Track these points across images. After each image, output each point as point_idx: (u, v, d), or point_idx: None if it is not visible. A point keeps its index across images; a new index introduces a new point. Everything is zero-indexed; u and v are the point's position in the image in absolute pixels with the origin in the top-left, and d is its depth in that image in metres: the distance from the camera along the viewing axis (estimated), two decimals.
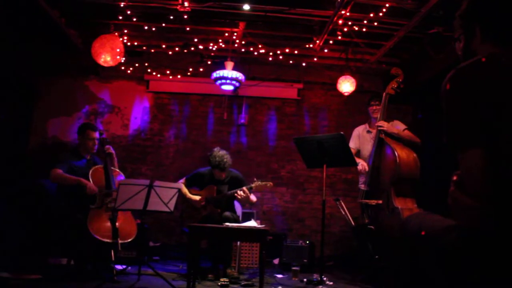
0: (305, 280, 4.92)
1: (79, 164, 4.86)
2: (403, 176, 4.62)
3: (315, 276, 4.97)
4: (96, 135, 4.97)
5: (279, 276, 5.32)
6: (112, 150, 4.96)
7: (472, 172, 1.33)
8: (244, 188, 5.01)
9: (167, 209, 4.33)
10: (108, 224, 4.43)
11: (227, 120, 7.28)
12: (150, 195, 4.20)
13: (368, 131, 5.38)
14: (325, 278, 4.62)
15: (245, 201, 5.08)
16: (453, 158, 1.43)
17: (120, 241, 4.31)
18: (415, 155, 4.71)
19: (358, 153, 5.44)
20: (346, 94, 6.44)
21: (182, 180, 5.35)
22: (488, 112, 1.31)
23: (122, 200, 4.09)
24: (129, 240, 4.50)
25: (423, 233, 1.55)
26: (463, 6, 1.65)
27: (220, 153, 5.15)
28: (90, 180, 4.64)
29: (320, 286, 4.20)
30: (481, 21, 1.60)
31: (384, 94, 5.07)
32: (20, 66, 6.55)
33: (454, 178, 1.43)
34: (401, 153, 4.65)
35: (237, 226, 4.30)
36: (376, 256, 4.61)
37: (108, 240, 4.32)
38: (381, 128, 4.90)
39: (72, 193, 4.69)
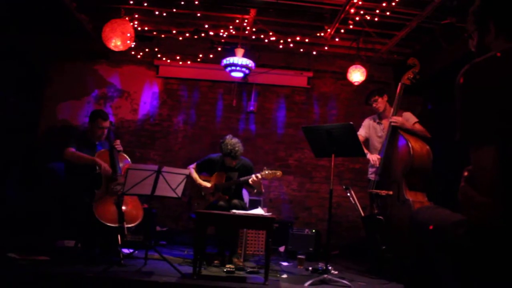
0: (310, 268, 4.95)
1: (86, 148, 4.86)
2: (416, 167, 4.60)
3: (321, 265, 4.99)
4: (107, 124, 4.95)
5: (285, 263, 5.35)
6: (120, 147, 4.97)
7: (485, 168, 1.32)
8: (259, 174, 5.01)
9: (174, 195, 4.36)
10: (114, 208, 4.44)
11: (236, 107, 7.27)
12: (158, 181, 4.23)
13: (379, 123, 5.35)
14: (330, 267, 4.64)
15: (257, 187, 5.09)
16: (463, 150, 1.42)
17: (126, 225, 4.34)
18: (428, 147, 4.69)
19: (367, 142, 5.41)
20: (356, 83, 6.40)
21: (193, 165, 5.36)
22: (502, 108, 1.30)
23: (131, 185, 4.12)
24: (135, 224, 4.52)
25: (431, 227, 1.55)
26: (476, 2, 1.63)
27: (232, 141, 5.13)
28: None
29: (325, 275, 4.21)
30: (495, 16, 1.58)
31: (400, 84, 5.02)
32: (31, 51, 6.57)
33: (465, 174, 1.42)
34: (415, 145, 4.63)
35: (244, 213, 4.31)
36: (384, 247, 4.62)
37: (113, 224, 4.34)
38: (395, 123, 4.88)
39: (80, 176, 4.71)
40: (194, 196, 5.28)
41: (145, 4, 5.69)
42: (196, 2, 5.50)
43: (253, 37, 6.51)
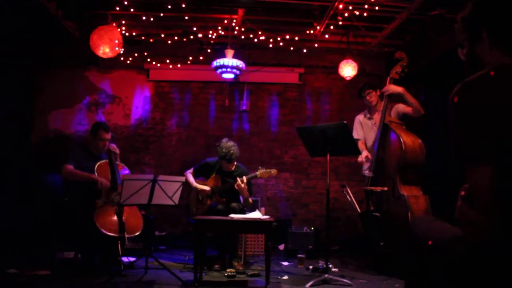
0: (311, 267, 4.96)
1: (86, 160, 4.83)
2: (409, 162, 4.61)
3: (321, 263, 5.01)
4: (109, 136, 4.93)
5: (285, 263, 5.36)
6: (117, 150, 4.93)
7: (482, 187, 1.31)
8: (244, 177, 4.99)
9: (171, 203, 4.36)
10: (115, 218, 4.43)
11: (229, 106, 7.24)
12: (154, 190, 4.22)
13: (370, 118, 5.34)
14: (330, 265, 4.65)
15: (243, 194, 5.04)
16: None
17: (126, 236, 4.33)
18: (420, 141, 4.70)
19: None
20: (348, 78, 6.38)
21: (190, 171, 5.36)
22: (497, 128, 1.28)
23: (127, 195, 4.10)
24: (136, 234, 4.51)
25: (430, 242, 1.54)
26: (467, 8, 1.56)
27: (227, 144, 5.12)
28: (96, 175, 4.64)
29: (326, 275, 4.22)
30: (488, 25, 1.50)
31: (388, 78, 5.05)
32: (19, 60, 6.51)
33: (462, 193, 1.40)
34: (407, 139, 4.63)
35: (243, 218, 4.30)
36: (382, 243, 4.63)
37: (114, 235, 4.33)
38: (386, 92, 4.94)
39: (79, 188, 4.69)
40: (192, 201, 5.28)
41: (132, 10, 5.63)
42: (183, 5, 5.46)
43: (242, 37, 6.47)
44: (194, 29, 6.22)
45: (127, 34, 6.23)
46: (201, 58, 6.89)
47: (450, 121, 1.38)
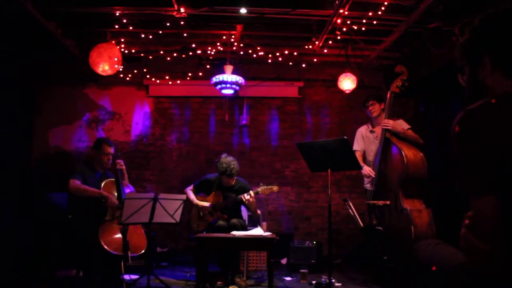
0: (313, 282, 4.94)
1: (92, 178, 4.82)
2: (411, 176, 4.59)
3: (324, 278, 4.98)
4: (112, 150, 4.92)
5: (288, 278, 5.33)
6: (123, 166, 4.92)
7: (486, 217, 1.30)
8: (251, 192, 5.02)
9: (173, 221, 4.35)
10: (119, 236, 4.39)
11: (229, 121, 7.25)
12: (155, 208, 4.21)
13: (371, 131, 5.33)
14: (333, 280, 4.63)
15: (252, 207, 5.08)
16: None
17: (130, 254, 4.30)
18: (421, 154, 4.68)
19: (364, 154, 5.40)
20: (347, 92, 6.39)
21: (190, 187, 5.35)
22: (501, 158, 1.27)
23: (128, 214, 4.09)
24: (139, 253, 4.49)
25: (434, 268, 1.53)
26: (466, 34, 1.55)
27: (227, 159, 5.14)
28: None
29: None
30: (490, 49, 1.47)
31: (389, 92, 5.02)
32: (19, 78, 6.53)
33: (466, 221, 1.39)
34: (408, 153, 4.62)
35: (244, 235, 4.29)
36: (385, 257, 4.60)
37: (118, 253, 4.30)
38: (387, 127, 4.88)
39: (84, 205, 4.65)
40: (193, 218, 5.27)
41: (131, 28, 5.65)
42: (182, 22, 5.48)
43: (241, 52, 6.49)
44: (193, 45, 6.24)
45: (126, 51, 6.25)
46: (200, 74, 6.92)
47: (453, 150, 1.37)
